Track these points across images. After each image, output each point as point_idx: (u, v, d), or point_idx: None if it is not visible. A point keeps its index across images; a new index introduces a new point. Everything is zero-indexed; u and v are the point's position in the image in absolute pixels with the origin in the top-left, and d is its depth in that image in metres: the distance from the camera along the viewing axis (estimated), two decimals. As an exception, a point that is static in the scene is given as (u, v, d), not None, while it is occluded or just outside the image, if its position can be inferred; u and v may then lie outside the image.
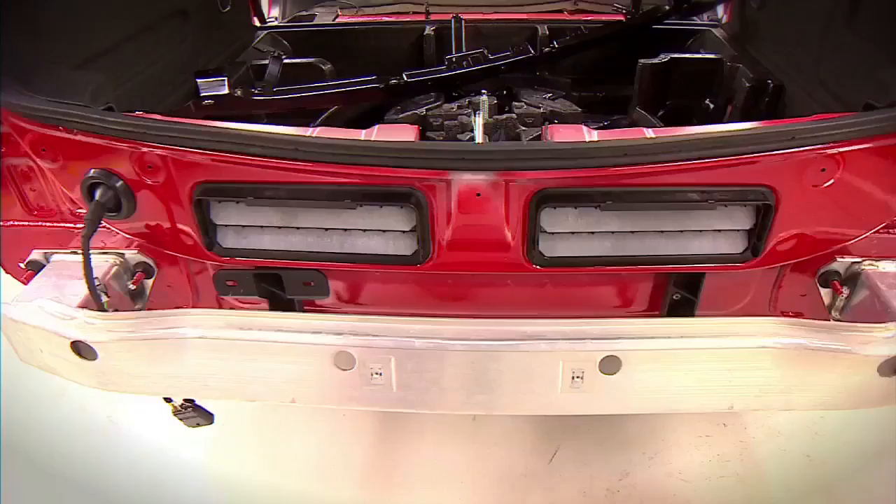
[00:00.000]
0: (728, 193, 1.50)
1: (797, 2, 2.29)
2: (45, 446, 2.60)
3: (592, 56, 2.79)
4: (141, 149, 1.53)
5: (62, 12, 1.84)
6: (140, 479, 2.46)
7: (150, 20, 2.22)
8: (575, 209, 1.52)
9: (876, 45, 1.84)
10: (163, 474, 2.47)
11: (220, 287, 1.81)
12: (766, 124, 1.55)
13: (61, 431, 2.66)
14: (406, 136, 1.58)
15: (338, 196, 1.50)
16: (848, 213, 1.62)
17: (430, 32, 2.86)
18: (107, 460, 2.54)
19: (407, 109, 2.32)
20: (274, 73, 2.33)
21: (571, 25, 2.89)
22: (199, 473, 2.48)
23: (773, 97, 2.29)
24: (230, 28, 2.76)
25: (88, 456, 2.55)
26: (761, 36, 2.55)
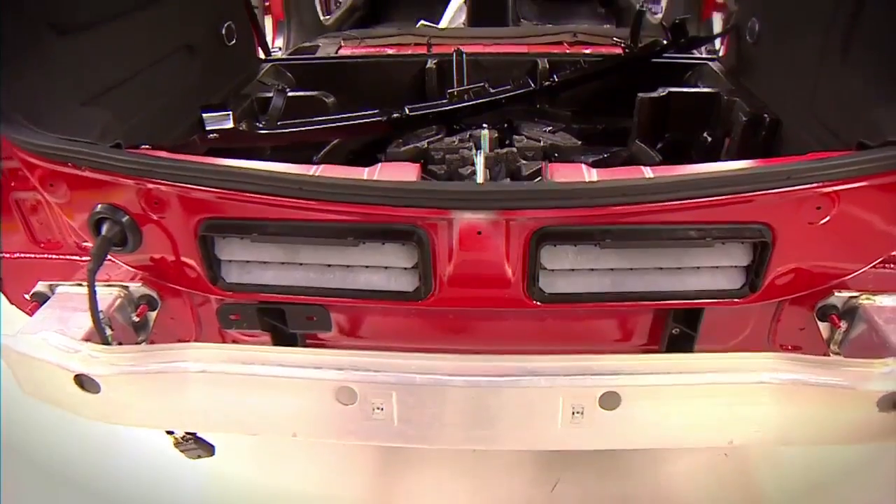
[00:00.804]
0: (725, 231, 1.52)
1: (791, 38, 2.33)
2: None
3: (592, 88, 2.83)
4: (147, 185, 1.56)
5: (73, 50, 1.87)
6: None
7: (158, 56, 2.26)
8: (574, 247, 1.54)
9: (867, 83, 1.88)
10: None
11: (224, 321, 1.83)
12: (762, 163, 1.57)
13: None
14: (408, 175, 1.60)
15: (341, 233, 1.52)
16: (844, 249, 1.64)
17: (431, 66, 2.91)
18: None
19: (409, 142, 2.35)
20: (278, 107, 2.37)
21: (571, 59, 2.93)
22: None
23: (770, 131, 2.32)
24: (235, 61, 2.80)
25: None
26: (757, 70, 2.59)
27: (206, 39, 2.57)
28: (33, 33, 1.75)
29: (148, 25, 2.21)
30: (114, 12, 2.06)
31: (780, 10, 2.46)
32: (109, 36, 2.04)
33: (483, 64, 2.93)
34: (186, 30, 2.43)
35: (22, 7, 1.69)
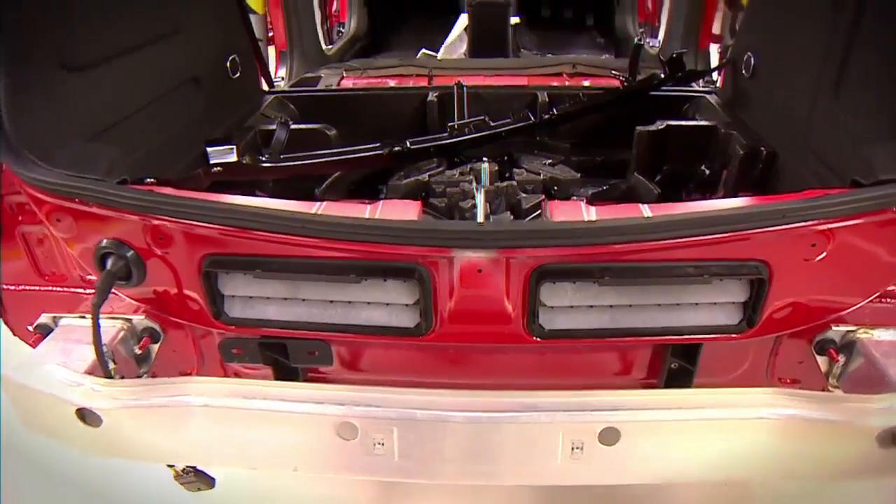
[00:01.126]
0: (722, 268, 1.54)
1: (785, 73, 2.37)
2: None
3: (591, 121, 2.86)
4: (153, 222, 1.58)
5: (82, 87, 1.91)
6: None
7: (165, 89, 2.30)
8: (573, 284, 1.56)
9: (859, 119, 1.91)
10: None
11: (226, 355, 1.84)
12: (758, 202, 1.60)
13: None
14: (409, 213, 1.63)
15: (343, 271, 1.55)
16: (840, 284, 1.66)
17: (433, 98, 2.94)
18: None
19: (410, 175, 2.38)
20: (281, 140, 2.40)
21: (570, 92, 2.97)
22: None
23: (766, 164, 2.35)
24: (239, 93, 2.84)
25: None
26: (753, 103, 2.63)
27: (211, 72, 2.61)
28: (44, 71, 1.78)
29: (156, 60, 2.25)
30: (123, 48, 2.10)
31: (773, 45, 2.50)
32: (118, 71, 2.07)
33: (483, 96, 2.97)
34: (193, 63, 2.47)
35: (34, 45, 1.73)
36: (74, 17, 1.87)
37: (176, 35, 2.37)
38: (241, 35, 2.93)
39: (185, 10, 2.41)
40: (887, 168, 1.58)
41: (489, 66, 3.68)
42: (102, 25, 2.01)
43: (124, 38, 2.12)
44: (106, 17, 2.03)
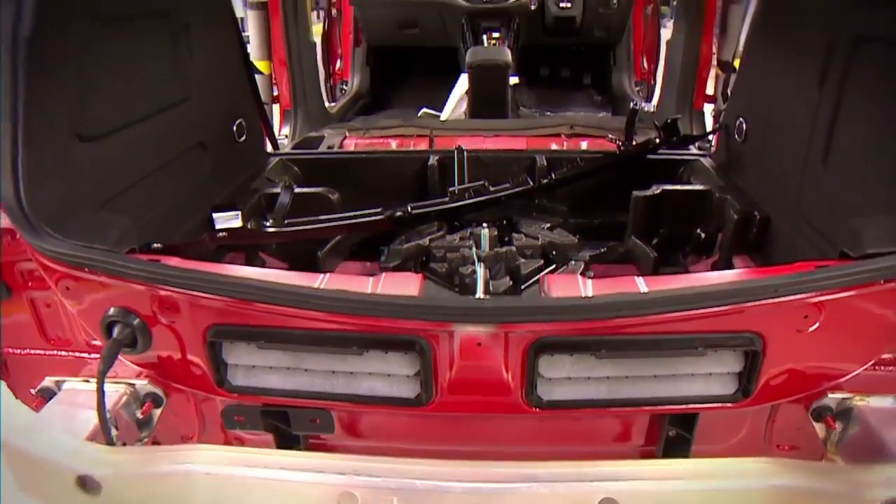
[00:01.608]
0: (717, 340, 1.57)
1: (776, 139, 2.43)
2: None
3: (588, 184, 2.92)
4: (160, 292, 1.62)
5: (94, 156, 1.97)
6: None
7: (173, 155, 2.36)
8: (571, 356, 1.59)
9: (848, 189, 1.97)
10: None
11: (228, 422, 1.86)
12: (750, 276, 1.64)
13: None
14: (410, 287, 1.67)
15: (345, 343, 1.58)
16: (833, 354, 1.69)
17: (434, 162, 3.01)
18: None
19: (411, 239, 2.43)
20: (284, 204, 2.46)
21: (568, 156, 3.04)
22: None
23: (760, 229, 2.40)
24: (245, 156, 2.91)
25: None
26: (747, 167, 2.69)
27: (218, 137, 2.68)
28: (61, 142, 1.84)
29: (165, 126, 2.32)
30: (135, 117, 2.17)
31: (764, 112, 2.57)
32: (129, 139, 2.13)
33: (483, 160, 3.03)
34: (201, 129, 2.54)
35: (53, 118, 1.79)
36: (91, 90, 1.94)
37: (185, 102, 2.45)
38: (248, 99, 3.01)
39: (195, 78, 2.49)
40: (874, 241, 1.63)
41: (489, 126, 3.76)
42: (117, 96, 2.08)
43: (137, 108, 2.19)
44: (121, 88, 2.10)
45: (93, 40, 1.93)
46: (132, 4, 2.15)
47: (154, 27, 2.29)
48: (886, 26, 1.86)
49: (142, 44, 2.22)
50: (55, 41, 1.75)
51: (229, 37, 2.83)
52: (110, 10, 2.01)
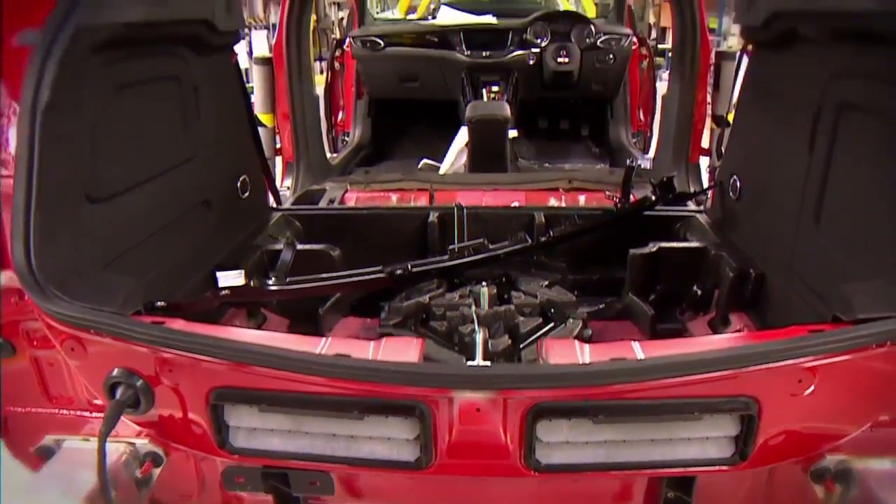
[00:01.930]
0: (712, 405, 1.60)
1: (769, 198, 2.49)
2: None
3: (586, 241, 2.97)
4: (164, 354, 1.65)
5: (102, 217, 2.01)
6: None
7: (178, 214, 2.41)
8: (569, 421, 1.61)
9: (840, 250, 2.01)
10: None
11: (228, 483, 1.87)
12: (745, 340, 1.67)
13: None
14: (411, 353, 1.70)
15: (346, 407, 1.61)
16: (830, 416, 1.71)
17: (434, 219, 3.06)
18: None
19: (411, 296, 2.46)
20: (286, 262, 2.50)
21: (566, 213, 3.10)
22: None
23: (756, 286, 2.43)
24: (248, 212, 2.96)
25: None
26: (741, 225, 2.74)
27: (222, 194, 2.74)
28: (71, 204, 1.89)
29: (172, 186, 2.37)
30: (143, 177, 2.23)
31: (757, 171, 2.63)
32: (136, 199, 2.18)
33: (482, 217, 3.08)
34: (205, 187, 2.60)
35: (64, 181, 1.84)
36: (102, 152, 2.00)
37: (192, 161, 2.51)
38: (252, 155, 3.08)
39: (202, 137, 2.56)
40: (866, 306, 1.66)
41: (488, 181, 3.83)
42: (127, 157, 2.14)
43: (145, 168, 2.24)
44: (130, 150, 2.16)
45: (106, 105, 1.99)
46: (146, 70, 2.23)
47: (165, 90, 2.37)
48: (867, 95, 1.93)
49: (152, 106, 2.29)
50: (71, 109, 1.82)
51: (235, 96, 2.91)
52: (125, 77, 2.09)
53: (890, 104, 1.83)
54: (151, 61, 2.26)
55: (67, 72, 1.75)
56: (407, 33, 5.48)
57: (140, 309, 1.85)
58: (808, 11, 2.10)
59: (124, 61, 2.08)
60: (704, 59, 3.87)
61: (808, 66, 2.21)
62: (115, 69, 2.03)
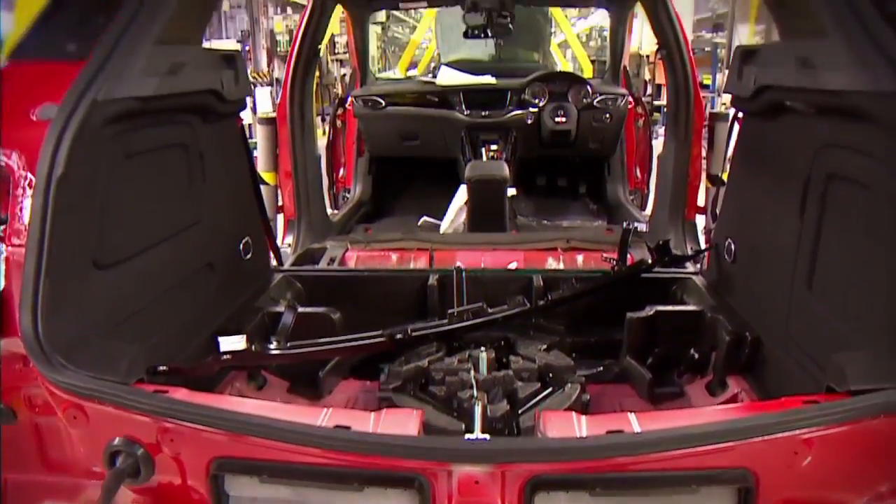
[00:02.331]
0: (709, 477, 1.61)
1: (762, 261, 2.53)
2: None
3: (584, 303, 3.00)
4: (166, 424, 1.67)
5: (107, 283, 2.05)
6: None
7: (181, 277, 2.45)
8: (567, 493, 1.62)
9: (833, 316, 2.04)
10: None
11: None
12: (741, 412, 1.69)
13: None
14: (410, 426, 1.72)
15: (346, 479, 1.62)
16: (827, 487, 1.71)
17: (433, 282, 3.10)
18: None
19: (411, 360, 2.48)
20: (287, 325, 2.53)
21: (564, 276, 3.14)
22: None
23: (752, 350, 2.46)
24: (250, 273, 3.00)
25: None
26: (737, 287, 2.78)
27: (225, 256, 2.78)
28: (78, 272, 1.93)
29: (177, 250, 2.42)
30: (150, 243, 2.28)
31: (750, 235, 2.68)
32: (142, 265, 2.23)
33: (482, 279, 3.12)
34: (209, 250, 2.64)
35: (73, 249, 1.88)
36: (111, 219, 2.05)
37: (197, 225, 2.56)
38: (255, 217, 3.14)
39: (207, 201, 2.62)
40: (859, 378, 1.68)
41: (487, 240, 3.89)
42: (134, 224, 2.20)
43: (151, 234, 2.30)
44: (138, 216, 2.21)
45: (116, 174, 2.06)
46: (156, 139, 2.30)
47: (172, 157, 2.44)
48: (853, 168, 1.99)
49: (160, 173, 2.36)
50: (84, 180, 1.88)
51: (240, 159, 2.98)
52: (135, 146, 2.16)
53: (874, 178, 1.89)
54: (161, 130, 2.34)
55: (82, 144, 1.82)
56: (408, 93, 5.60)
57: (143, 377, 1.88)
58: (792, 87, 2.18)
59: (135, 131, 2.15)
60: (698, 119, 3.97)
61: (797, 137, 2.28)
62: (127, 139, 2.10)
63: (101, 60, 1.94)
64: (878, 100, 1.76)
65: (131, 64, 1.99)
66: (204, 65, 2.48)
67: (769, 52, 2.45)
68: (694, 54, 4.11)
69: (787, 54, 2.21)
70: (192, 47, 2.43)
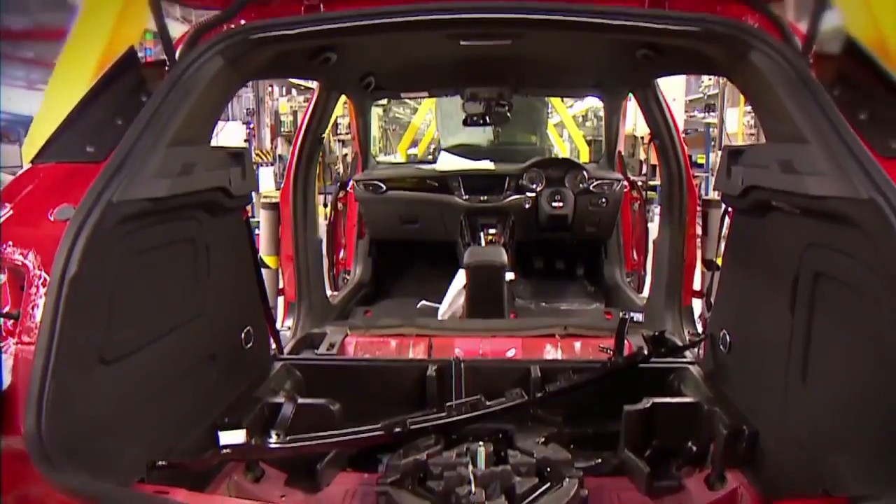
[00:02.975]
0: None
1: (757, 354, 2.57)
2: None
3: (581, 394, 3.02)
4: None
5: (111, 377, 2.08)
6: None
7: (183, 370, 2.48)
8: None
9: (828, 412, 2.06)
10: None
11: None
12: None
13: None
14: None
15: None
16: None
17: (432, 373, 3.13)
18: None
19: (409, 453, 2.48)
20: (287, 417, 2.55)
21: (561, 367, 3.17)
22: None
23: (749, 444, 2.47)
24: (250, 363, 3.03)
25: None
26: (733, 378, 2.80)
27: (226, 347, 2.82)
28: (83, 368, 1.96)
29: (179, 343, 2.46)
30: (154, 337, 2.32)
31: (744, 328, 2.73)
32: (145, 359, 2.26)
33: (480, 370, 3.15)
34: (211, 342, 2.68)
35: (80, 347, 1.93)
36: (118, 316, 2.10)
37: (200, 317, 2.61)
38: (257, 306, 3.19)
39: (211, 293, 2.67)
40: (854, 483, 1.70)
41: (486, 327, 3.93)
42: (140, 319, 2.24)
43: (156, 328, 2.34)
44: (144, 311, 2.26)
45: (125, 271, 2.12)
46: (164, 235, 2.38)
47: (179, 251, 2.51)
48: (839, 269, 2.06)
49: (167, 267, 2.43)
50: (95, 279, 1.94)
51: (244, 250, 3.06)
52: (145, 243, 2.23)
53: (860, 279, 1.95)
54: (170, 226, 2.42)
55: (95, 245, 1.89)
56: (408, 178, 5.74)
57: (143, 476, 1.89)
58: (777, 189, 2.27)
59: (145, 229, 2.23)
60: (692, 206, 4.07)
61: (785, 235, 2.36)
62: (137, 237, 2.18)
63: (118, 163, 2.04)
64: (857, 205, 1.84)
65: (146, 166, 2.09)
66: (213, 163, 2.58)
67: (755, 153, 2.56)
68: (687, 134, 4.26)
69: (771, 156, 2.31)
70: (202, 147, 2.53)
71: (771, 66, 2.20)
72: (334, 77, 4.10)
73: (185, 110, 2.23)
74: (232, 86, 2.66)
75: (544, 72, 4.62)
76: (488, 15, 2.35)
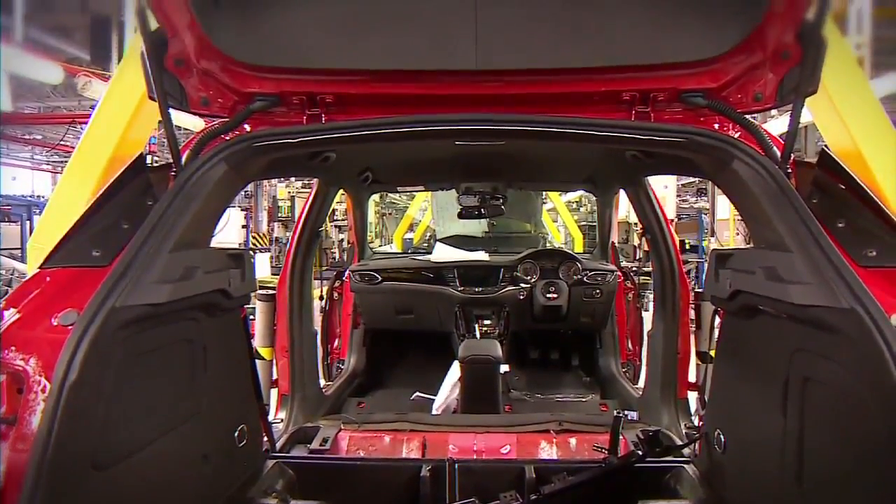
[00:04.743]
0: None
1: (752, 455, 2.56)
2: None
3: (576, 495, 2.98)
4: None
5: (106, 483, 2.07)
6: None
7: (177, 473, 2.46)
8: None
9: None
10: None
11: None
12: None
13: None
14: None
15: None
16: None
17: (426, 473, 3.10)
18: None
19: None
20: (279, 523, 2.51)
21: (555, 466, 3.15)
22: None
23: None
24: (243, 461, 3.00)
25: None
26: (729, 478, 2.78)
27: (220, 446, 2.79)
28: (77, 474, 1.95)
29: (174, 444, 2.44)
30: (149, 440, 2.31)
31: (738, 428, 2.73)
32: (139, 462, 2.25)
33: (474, 470, 3.13)
34: (205, 442, 2.66)
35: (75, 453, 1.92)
36: (114, 421, 2.10)
37: (195, 416, 2.60)
38: (252, 404, 3.18)
39: (206, 393, 2.67)
40: None
41: (480, 423, 3.91)
42: (136, 423, 2.24)
43: (151, 431, 2.34)
44: (139, 415, 2.26)
45: (124, 375, 2.14)
46: (163, 337, 2.40)
47: (177, 352, 2.53)
48: (826, 373, 2.09)
49: (164, 368, 2.44)
50: (94, 383, 1.96)
51: (241, 349, 3.07)
52: (144, 346, 2.25)
53: (846, 383, 1.98)
54: (169, 328, 2.45)
55: (96, 350, 1.92)
56: (403, 269, 5.81)
57: None
58: (763, 295, 2.33)
59: (145, 332, 2.26)
60: (684, 298, 4.11)
61: (773, 339, 2.40)
62: (136, 340, 2.21)
63: (122, 269, 2.09)
64: (839, 315, 1.90)
65: (149, 272, 2.14)
66: (213, 265, 2.63)
67: (742, 258, 2.63)
68: (680, 220, 4.35)
69: (756, 262, 2.38)
70: (203, 250, 2.59)
71: (752, 176, 2.29)
72: (333, 174, 4.21)
73: (189, 215, 2.30)
74: (234, 189, 2.75)
75: (537, 168, 4.76)
76: (488, 126, 2.45)
